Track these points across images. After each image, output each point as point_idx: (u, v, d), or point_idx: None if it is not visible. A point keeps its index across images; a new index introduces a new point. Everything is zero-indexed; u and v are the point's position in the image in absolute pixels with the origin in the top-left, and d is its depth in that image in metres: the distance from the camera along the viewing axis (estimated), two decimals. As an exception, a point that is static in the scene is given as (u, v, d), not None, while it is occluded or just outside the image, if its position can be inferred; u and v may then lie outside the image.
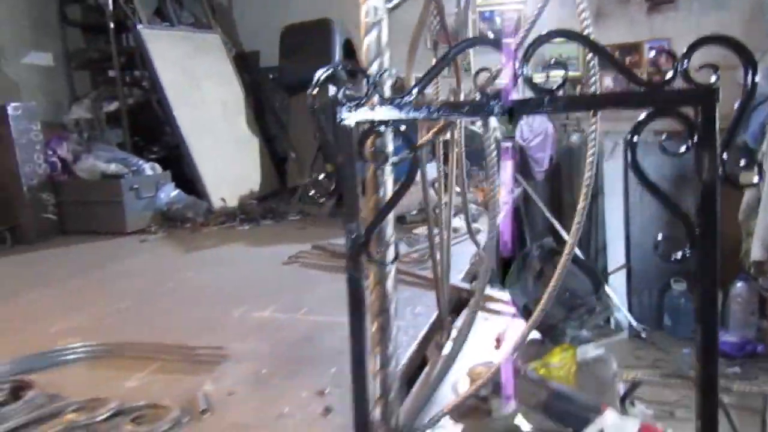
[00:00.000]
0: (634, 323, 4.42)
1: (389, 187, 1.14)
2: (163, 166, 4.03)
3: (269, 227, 3.65)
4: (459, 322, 1.93)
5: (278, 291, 2.30)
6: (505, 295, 1.93)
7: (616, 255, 4.66)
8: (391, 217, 1.13)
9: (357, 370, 1.10)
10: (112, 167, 3.73)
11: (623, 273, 4.64)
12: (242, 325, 1.95)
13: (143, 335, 1.83)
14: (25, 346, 1.76)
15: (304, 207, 3.93)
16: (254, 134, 4.67)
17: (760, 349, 4.01)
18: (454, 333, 1.81)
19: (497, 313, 1.94)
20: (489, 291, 2.04)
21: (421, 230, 2.92)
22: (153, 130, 4.49)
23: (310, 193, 4.09)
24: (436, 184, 1.90)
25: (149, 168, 3.89)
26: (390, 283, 1.14)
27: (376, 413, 1.17)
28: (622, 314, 4.45)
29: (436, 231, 1.76)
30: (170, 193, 3.88)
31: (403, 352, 1.53)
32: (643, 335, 4.39)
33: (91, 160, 3.76)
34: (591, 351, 1.61)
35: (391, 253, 1.11)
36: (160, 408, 1.38)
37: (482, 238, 2.62)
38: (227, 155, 4.31)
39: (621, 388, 1.63)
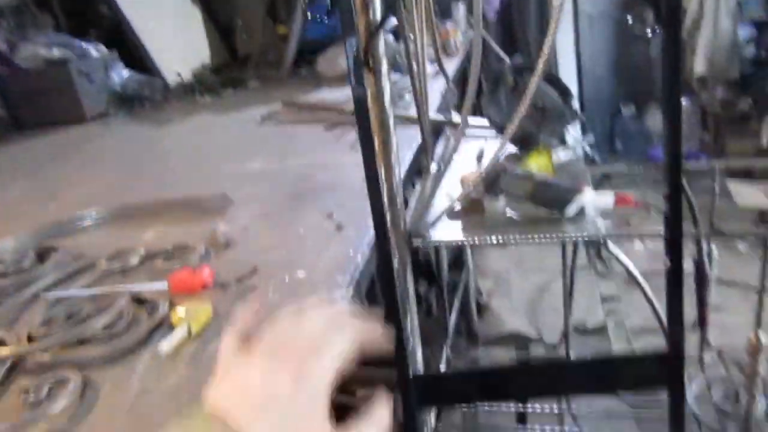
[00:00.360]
0: (588, 149, 4.68)
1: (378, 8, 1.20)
2: (107, 47, 3.87)
3: (231, 96, 3.63)
4: (439, 147, 2.07)
5: (262, 146, 2.38)
6: (480, 119, 2.06)
7: (567, 84, 4.81)
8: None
9: (371, 184, 1.20)
10: (56, 52, 3.57)
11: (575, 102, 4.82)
12: (236, 178, 2.05)
13: (146, 197, 1.91)
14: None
15: (262, 72, 3.89)
16: (194, 4, 4.47)
17: (702, 158, 4.35)
18: (438, 155, 1.95)
19: (476, 135, 2.07)
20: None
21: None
22: (86, 12, 4.24)
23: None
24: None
25: (94, 50, 3.73)
26: (387, 97, 1.24)
27: (387, 220, 1.32)
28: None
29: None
30: (122, 73, 3.76)
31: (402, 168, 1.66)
32: (597, 159, 4.67)
33: (31, 47, 3.58)
34: (563, 154, 1.78)
35: (385, 65, 1.20)
36: (185, 248, 1.51)
37: (450, 70, 2.70)
38: (172, 29, 4.15)
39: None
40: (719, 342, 2.18)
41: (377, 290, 1.39)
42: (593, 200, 1.34)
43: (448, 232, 1.45)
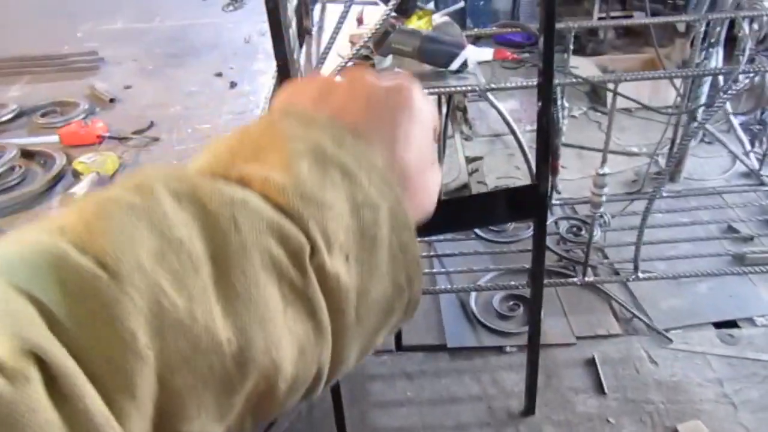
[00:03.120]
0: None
1: None
2: None
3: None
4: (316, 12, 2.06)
5: (119, 6, 2.19)
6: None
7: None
8: None
9: (277, 39, 1.20)
10: None
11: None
12: (100, 36, 1.89)
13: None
14: None
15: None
16: None
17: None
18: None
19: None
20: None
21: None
22: None
23: None
24: None
25: None
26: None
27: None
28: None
29: None
30: None
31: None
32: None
33: None
34: (439, 17, 1.87)
35: None
36: (65, 103, 1.42)
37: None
38: None
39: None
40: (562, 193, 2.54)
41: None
42: (475, 53, 1.47)
43: (341, 86, 1.51)
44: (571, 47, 2.02)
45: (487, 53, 1.47)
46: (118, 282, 0.24)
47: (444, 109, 2.02)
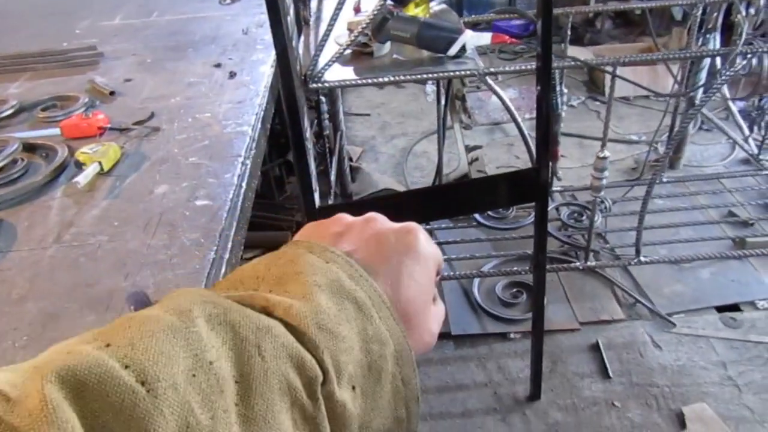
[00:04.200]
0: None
1: None
2: None
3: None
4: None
5: (118, 3, 2.19)
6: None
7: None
8: None
9: (276, 26, 1.20)
10: None
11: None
12: (99, 32, 1.89)
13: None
14: None
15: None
16: None
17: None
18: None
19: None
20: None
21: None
22: None
23: None
24: None
25: None
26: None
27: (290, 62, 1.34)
28: None
29: None
30: None
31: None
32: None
33: None
34: (436, 4, 1.87)
35: None
36: (66, 98, 1.42)
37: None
38: None
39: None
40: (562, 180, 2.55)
41: (275, 129, 1.43)
42: (473, 38, 1.47)
43: (340, 74, 1.51)
44: (569, 35, 2.02)
45: (485, 37, 1.47)
46: (153, 398, 0.26)
47: (443, 99, 2.02)
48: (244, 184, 1.06)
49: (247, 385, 0.29)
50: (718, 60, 2.15)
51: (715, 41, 2.15)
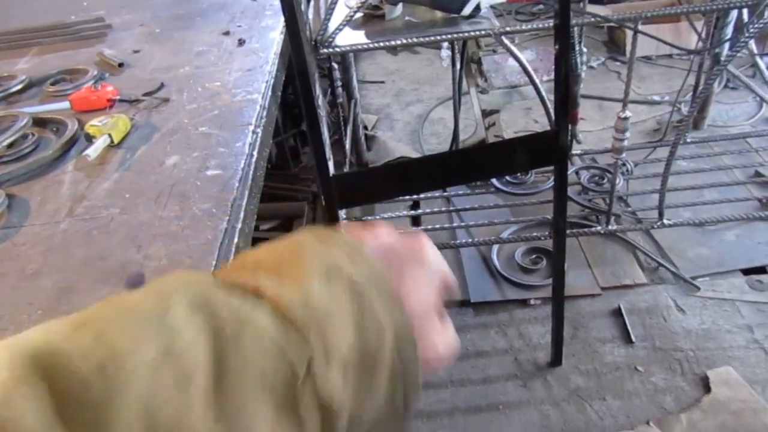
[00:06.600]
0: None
1: None
2: None
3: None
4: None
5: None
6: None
7: None
8: None
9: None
10: None
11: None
12: (106, 4, 1.87)
13: (6, 26, 1.70)
14: None
15: None
16: None
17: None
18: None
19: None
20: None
21: None
22: None
23: None
24: None
25: None
26: None
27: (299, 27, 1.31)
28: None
29: None
30: None
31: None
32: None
33: None
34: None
35: None
36: (75, 71, 1.40)
37: None
38: None
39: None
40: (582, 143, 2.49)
41: (288, 99, 1.41)
42: (488, -1, 1.42)
43: (352, 38, 1.47)
44: (588, -9, 1.95)
45: (498, -4, 1.42)
46: (114, 385, 0.26)
47: (458, 63, 1.96)
48: (255, 153, 1.04)
49: (221, 374, 0.29)
50: (745, 13, 2.06)
51: (742, -5, 2.06)
